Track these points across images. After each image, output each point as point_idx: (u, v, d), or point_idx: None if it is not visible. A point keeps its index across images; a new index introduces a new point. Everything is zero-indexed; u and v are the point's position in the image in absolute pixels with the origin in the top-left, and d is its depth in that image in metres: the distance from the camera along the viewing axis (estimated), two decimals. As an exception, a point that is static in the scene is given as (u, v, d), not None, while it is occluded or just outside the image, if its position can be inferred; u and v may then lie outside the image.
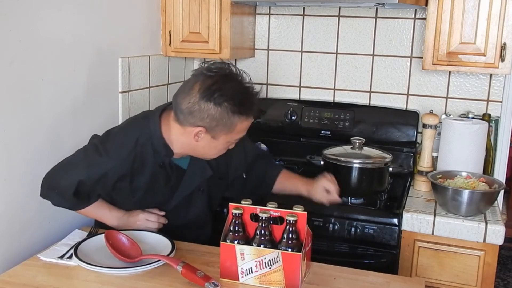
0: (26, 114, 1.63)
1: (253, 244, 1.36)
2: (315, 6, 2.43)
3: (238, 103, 1.47)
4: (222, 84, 1.46)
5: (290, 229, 1.35)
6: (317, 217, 1.92)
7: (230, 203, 1.41)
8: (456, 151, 2.02)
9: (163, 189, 1.64)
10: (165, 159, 1.59)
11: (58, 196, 1.59)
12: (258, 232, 1.36)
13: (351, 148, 2.05)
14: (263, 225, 1.36)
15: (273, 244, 1.36)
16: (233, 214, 1.37)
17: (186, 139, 1.53)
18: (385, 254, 1.87)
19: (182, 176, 1.65)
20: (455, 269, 1.84)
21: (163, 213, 1.67)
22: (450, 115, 2.24)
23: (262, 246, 1.35)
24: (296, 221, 1.35)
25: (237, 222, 1.37)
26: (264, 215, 1.36)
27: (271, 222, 1.38)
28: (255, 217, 1.39)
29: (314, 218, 1.91)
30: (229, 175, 1.80)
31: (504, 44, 1.95)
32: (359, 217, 1.90)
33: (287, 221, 1.35)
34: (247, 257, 1.33)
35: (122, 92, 2.11)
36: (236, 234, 1.37)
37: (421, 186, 2.11)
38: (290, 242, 1.34)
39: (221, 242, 1.37)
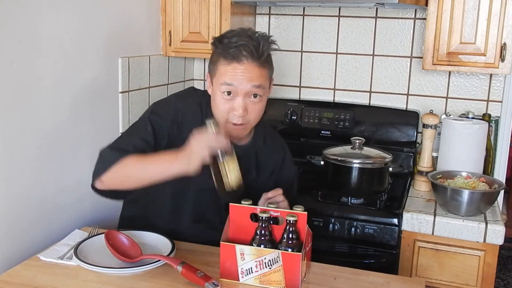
0: (26, 114, 1.63)
1: (253, 244, 1.36)
2: (315, 6, 2.43)
3: (220, 41, 1.47)
4: (228, 32, 1.51)
5: (290, 229, 1.35)
6: (317, 217, 1.92)
7: (230, 203, 1.41)
8: (456, 151, 2.02)
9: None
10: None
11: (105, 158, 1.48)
12: (258, 232, 1.36)
13: (351, 148, 2.05)
14: (263, 225, 1.36)
15: (273, 244, 1.36)
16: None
17: None
18: (385, 254, 1.87)
19: None
20: (455, 269, 1.84)
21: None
22: (450, 115, 2.24)
23: (262, 246, 1.35)
24: (296, 221, 1.34)
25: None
26: (264, 215, 1.35)
27: (271, 222, 1.38)
28: (255, 217, 1.39)
29: (314, 218, 1.91)
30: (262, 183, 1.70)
31: (504, 44, 1.95)
32: (359, 217, 1.90)
33: (287, 221, 1.35)
34: (247, 257, 1.33)
35: (122, 92, 2.11)
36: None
37: (421, 186, 2.11)
38: (290, 242, 1.34)
39: (221, 242, 1.37)
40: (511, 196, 4.06)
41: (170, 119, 1.54)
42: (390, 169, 2.02)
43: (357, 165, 1.96)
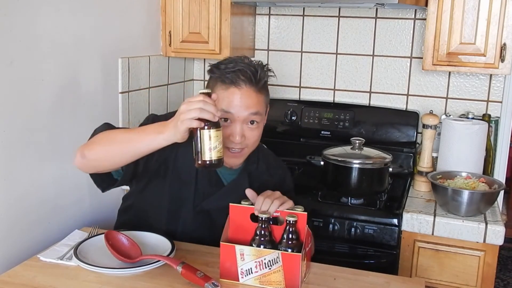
0: (26, 114, 1.63)
1: (253, 245, 1.35)
2: (315, 6, 2.43)
3: (218, 67, 1.48)
4: (225, 59, 1.52)
5: (290, 229, 1.35)
6: (317, 217, 1.92)
7: (230, 204, 1.41)
8: (456, 151, 2.02)
9: (195, 188, 1.56)
10: None
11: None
12: (257, 232, 1.36)
13: (351, 148, 2.05)
14: (263, 226, 1.36)
15: (273, 244, 1.36)
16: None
17: None
18: (385, 254, 1.87)
19: (216, 185, 1.59)
20: (455, 270, 1.84)
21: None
22: (450, 115, 2.24)
23: (262, 246, 1.35)
24: (296, 221, 1.34)
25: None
26: (263, 216, 1.35)
27: (271, 222, 1.38)
28: (254, 218, 1.39)
29: (314, 218, 1.91)
30: None
31: (504, 44, 1.95)
32: (359, 218, 1.90)
33: (287, 221, 1.34)
34: (247, 258, 1.33)
35: (122, 93, 2.11)
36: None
37: (421, 186, 2.11)
38: (290, 242, 1.34)
39: (221, 243, 1.37)
40: (511, 196, 4.07)
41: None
42: (390, 169, 2.02)
43: (357, 166, 1.96)
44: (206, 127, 1.26)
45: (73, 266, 1.46)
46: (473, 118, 2.16)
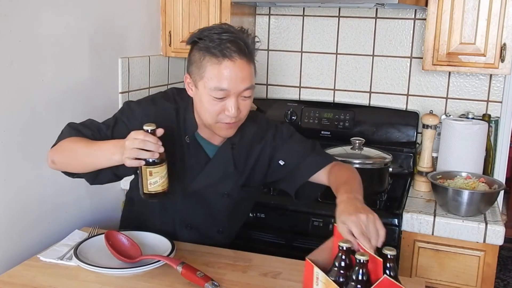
0: (26, 114, 1.63)
1: (329, 272, 1.19)
2: (315, 6, 2.43)
3: (209, 40, 1.37)
4: (206, 28, 1.42)
5: (359, 270, 1.13)
6: (317, 217, 1.92)
7: (335, 224, 1.25)
8: (456, 151, 2.02)
9: (183, 170, 1.54)
10: (188, 130, 1.52)
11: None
12: (335, 263, 1.19)
13: (351, 148, 2.05)
14: (342, 256, 1.18)
15: (347, 279, 1.17)
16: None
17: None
18: (385, 254, 1.87)
19: (206, 164, 1.56)
20: (455, 270, 1.84)
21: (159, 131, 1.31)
22: (450, 115, 2.24)
23: (332, 278, 1.17)
24: (367, 261, 1.14)
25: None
26: (344, 245, 1.17)
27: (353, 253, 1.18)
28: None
29: (314, 218, 1.91)
30: (254, 182, 1.64)
31: (504, 44, 1.95)
32: (359, 218, 1.89)
33: (356, 260, 1.14)
34: (320, 283, 1.22)
35: (122, 93, 2.11)
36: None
37: (421, 186, 2.11)
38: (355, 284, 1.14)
39: (306, 258, 1.25)
40: (511, 196, 4.06)
41: (138, 124, 1.43)
42: (390, 169, 2.02)
43: (357, 166, 1.96)
44: (146, 164, 1.28)
45: (73, 266, 1.46)
46: (473, 118, 2.16)
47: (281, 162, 1.61)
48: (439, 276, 1.86)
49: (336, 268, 1.17)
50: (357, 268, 1.13)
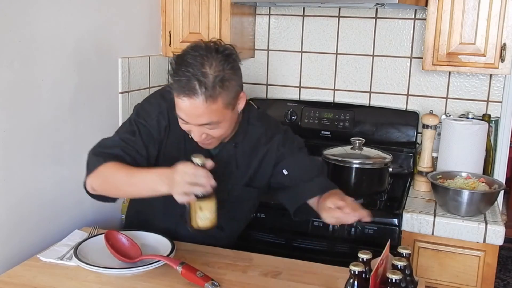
0: (26, 114, 1.63)
1: None
2: (315, 6, 2.43)
3: (174, 69, 1.34)
4: (185, 51, 1.37)
5: (353, 282, 1.18)
6: (317, 217, 1.92)
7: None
8: (456, 151, 2.02)
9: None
10: None
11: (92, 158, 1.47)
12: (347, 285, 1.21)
13: (351, 148, 2.05)
14: (353, 280, 1.20)
15: None
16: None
17: None
18: (385, 254, 1.87)
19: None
20: (455, 270, 1.84)
21: (210, 163, 1.31)
22: (450, 115, 2.24)
23: None
24: (361, 272, 1.18)
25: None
26: (356, 269, 1.19)
27: (366, 276, 1.20)
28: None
29: (314, 218, 1.91)
30: (257, 183, 1.63)
31: (504, 44, 1.95)
32: (359, 218, 1.89)
33: (350, 271, 1.17)
34: None
35: (122, 93, 2.11)
36: None
37: (421, 186, 2.11)
38: None
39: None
40: (511, 196, 4.06)
41: (155, 123, 1.50)
42: (390, 169, 2.02)
43: (357, 166, 1.96)
44: (194, 197, 1.27)
45: (73, 266, 1.46)
46: (473, 118, 2.16)
47: (285, 172, 1.59)
48: (439, 276, 1.86)
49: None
50: (350, 279, 1.17)
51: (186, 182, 1.26)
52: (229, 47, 1.41)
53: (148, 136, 1.50)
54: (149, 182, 1.36)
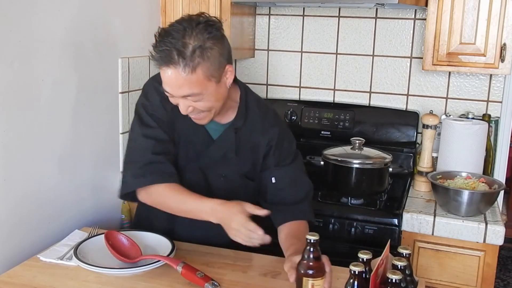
0: (26, 114, 1.63)
1: None
2: (315, 6, 2.43)
3: (154, 42, 1.36)
4: (170, 25, 1.39)
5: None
6: (317, 217, 1.92)
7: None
8: (456, 151, 2.02)
9: (186, 148, 1.56)
10: None
11: (132, 178, 1.52)
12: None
13: (351, 148, 2.05)
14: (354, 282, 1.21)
15: None
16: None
17: None
18: (385, 254, 1.87)
19: (208, 145, 1.57)
20: (455, 270, 1.84)
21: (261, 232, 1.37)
22: (450, 115, 2.24)
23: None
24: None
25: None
26: (356, 269, 1.21)
27: (365, 276, 1.22)
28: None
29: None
30: (253, 174, 1.63)
31: (504, 44, 1.95)
32: (359, 218, 1.90)
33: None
34: None
35: (122, 93, 2.11)
36: None
37: (421, 186, 2.11)
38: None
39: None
40: (511, 196, 4.06)
41: (162, 109, 1.52)
42: (390, 169, 2.02)
43: (357, 166, 1.96)
44: (306, 276, 1.26)
45: (73, 266, 1.46)
46: (473, 118, 2.16)
47: (273, 180, 1.59)
48: (439, 276, 1.86)
49: None
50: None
51: (243, 235, 1.37)
52: (214, 18, 1.43)
53: (163, 123, 1.52)
54: (200, 214, 1.44)
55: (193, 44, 1.33)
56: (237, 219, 1.36)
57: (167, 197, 1.49)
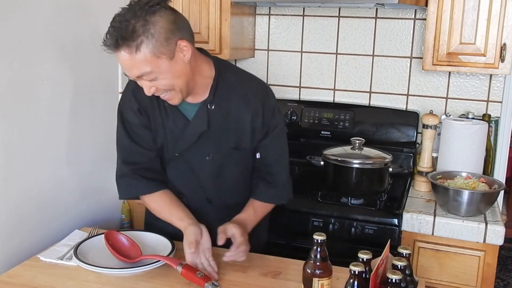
0: (26, 114, 1.63)
1: None
2: (315, 6, 2.43)
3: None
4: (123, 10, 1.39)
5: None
6: (317, 217, 1.92)
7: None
8: (456, 151, 2.02)
9: (164, 135, 1.56)
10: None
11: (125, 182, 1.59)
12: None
13: (351, 148, 2.05)
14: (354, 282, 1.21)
15: None
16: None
17: None
18: (385, 254, 1.87)
19: (185, 127, 1.55)
20: (455, 270, 1.84)
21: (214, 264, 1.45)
22: (450, 115, 2.24)
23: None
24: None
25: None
26: (355, 269, 1.22)
27: (366, 276, 1.23)
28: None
29: (314, 218, 1.91)
30: (239, 145, 1.60)
31: (504, 44, 1.95)
32: (359, 218, 1.90)
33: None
34: None
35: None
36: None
37: (421, 186, 2.11)
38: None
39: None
40: (511, 196, 4.06)
41: (134, 101, 1.54)
42: (390, 169, 2.02)
43: (357, 166, 1.96)
44: (314, 276, 1.29)
45: (73, 266, 1.46)
46: (473, 118, 2.16)
47: (258, 155, 1.63)
48: (439, 276, 1.86)
49: None
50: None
51: (186, 254, 1.44)
52: None
53: (143, 126, 1.56)
54: (178, 227, 1.51)
55: (133, 22, 1.31)
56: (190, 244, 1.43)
57: (156, 211, 1.59)
